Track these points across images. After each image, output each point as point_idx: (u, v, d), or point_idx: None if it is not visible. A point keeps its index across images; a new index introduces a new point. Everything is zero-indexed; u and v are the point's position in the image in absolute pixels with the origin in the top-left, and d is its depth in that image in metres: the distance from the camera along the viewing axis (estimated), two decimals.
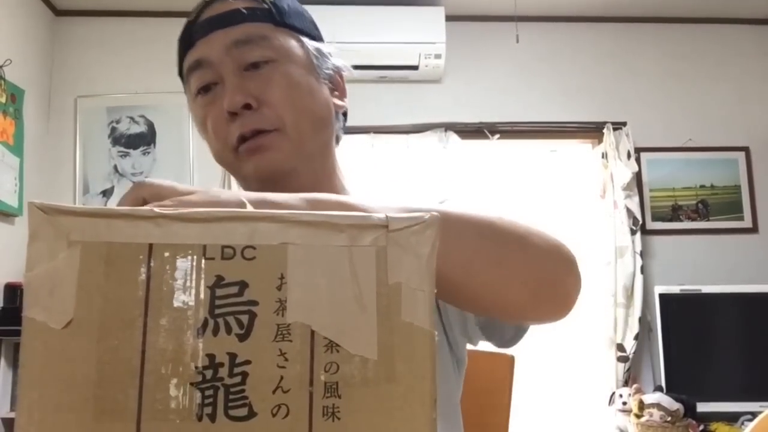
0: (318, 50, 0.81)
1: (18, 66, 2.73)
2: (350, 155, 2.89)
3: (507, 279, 0.56)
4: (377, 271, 0.35)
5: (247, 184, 0.77)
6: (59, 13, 3.11)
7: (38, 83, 2.96)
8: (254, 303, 0.34)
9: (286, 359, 0.33)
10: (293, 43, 0.78)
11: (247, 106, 0.72)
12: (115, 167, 3.02)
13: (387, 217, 0.36)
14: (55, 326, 0.33)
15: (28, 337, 0.33)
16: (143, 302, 0.34)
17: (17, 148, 2.72)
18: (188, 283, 0.34)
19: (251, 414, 0.33)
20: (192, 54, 0.77)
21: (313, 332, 0.34)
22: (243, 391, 0.33)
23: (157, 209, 0.35)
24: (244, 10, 0.76)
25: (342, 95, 0.85)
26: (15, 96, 2.73)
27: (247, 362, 0.33)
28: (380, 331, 0.34)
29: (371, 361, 0.34)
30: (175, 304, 0.34)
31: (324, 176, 0.80)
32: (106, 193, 3.00)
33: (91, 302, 0.34)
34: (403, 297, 0.35)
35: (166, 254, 0.34)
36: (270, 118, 0.73)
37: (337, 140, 0.84)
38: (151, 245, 0.34)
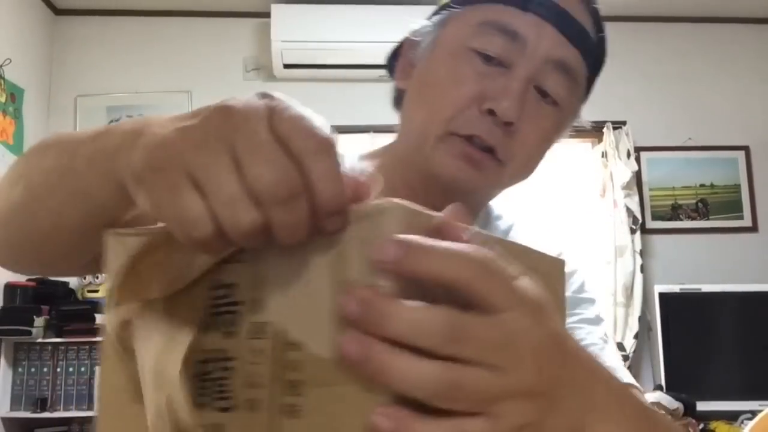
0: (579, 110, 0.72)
1: (18, 65, 2.73)
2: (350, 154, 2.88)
3: None
4: (355, 265, 0.32)
5: (405, 167, 0.67)
6: (59, 12, 3.11)
7: (38, 82, 2.96)
8: (241, 303, 0.35)
9: (258, 357, 0.34)
10: (579, 93, 0.69)
11: (509, 123, 0.62)
12: None
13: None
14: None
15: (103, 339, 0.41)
16: (161, 301, 0.37)
17: (17, 148, 2.72)
18: (192, 285, 0.36)
19: (231, 407, 0.35)
20: (507, 13, 0.63)
21: (282, 331, 0.34)
22: (225, 385, 0.35)
23: None
24: (581, 23, 0.64)
25: None
26: (15, 95, 2.73)
27: (230, 359, 0.35)
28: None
29: (334, 362, 0.32)
30: (184, 299, 0.36)
31: (485, 201, 0.74)
32: None
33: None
34: None
35: (178, 256, 0.36)
36: (510, 149, 0.64)
37: None
38: (168, 249, 0.36)
